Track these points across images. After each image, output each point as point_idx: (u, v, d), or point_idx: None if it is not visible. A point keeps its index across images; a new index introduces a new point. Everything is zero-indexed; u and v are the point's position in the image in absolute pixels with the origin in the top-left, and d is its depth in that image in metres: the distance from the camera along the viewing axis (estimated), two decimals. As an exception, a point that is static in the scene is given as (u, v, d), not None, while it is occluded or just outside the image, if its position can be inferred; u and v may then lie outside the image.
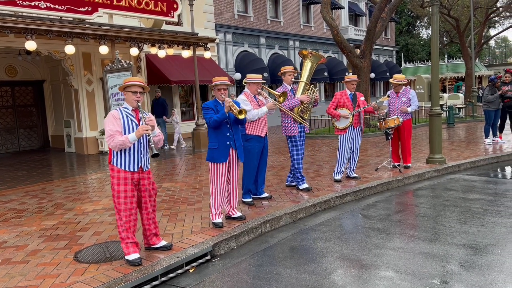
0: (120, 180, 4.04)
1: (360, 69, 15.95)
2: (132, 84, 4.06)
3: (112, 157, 4.07)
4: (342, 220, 5.63)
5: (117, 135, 3.94)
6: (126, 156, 4.05)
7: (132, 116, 4.09)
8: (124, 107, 4.12)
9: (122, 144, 3.94)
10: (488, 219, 5.29)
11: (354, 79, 7.21)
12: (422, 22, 44.38)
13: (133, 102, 4.07)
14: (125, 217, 4.08)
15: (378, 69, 29.55)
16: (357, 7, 29.85)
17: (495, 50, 51.03)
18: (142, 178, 4.18)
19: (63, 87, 14.54)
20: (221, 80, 5.05)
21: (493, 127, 10.92)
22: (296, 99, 6.46)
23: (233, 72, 20.09)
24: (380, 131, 13.17)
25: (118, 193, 4.06)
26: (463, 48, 27.83)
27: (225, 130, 5.03)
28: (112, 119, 4.00)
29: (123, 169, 4.04)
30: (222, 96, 5.03)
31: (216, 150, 5.02)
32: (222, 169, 5.05)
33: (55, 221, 5.78)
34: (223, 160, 5.03)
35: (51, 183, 8.78)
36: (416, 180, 7.70)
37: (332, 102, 7.21)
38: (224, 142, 5.03)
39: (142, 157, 4.14)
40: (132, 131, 4.02)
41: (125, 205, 4.07)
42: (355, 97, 7.22)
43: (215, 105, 5.02)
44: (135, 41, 11.77)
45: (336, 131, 7.28)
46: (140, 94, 4.07)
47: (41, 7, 10.31)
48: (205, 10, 18.63)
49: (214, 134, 5.04)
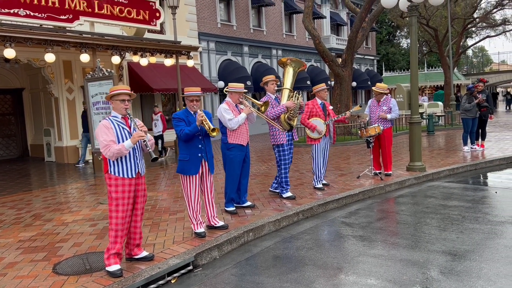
0: (119, 187, 4.05)
1: (342, 78, 16.16)
2: (120, 92, 4.07)
3: (108, 166, 4.07)
4: (325, 228, 5.66)
5: (112, 144, 3.96)
6: (124, 163, 4.07)
7: (123, 124, 4.11)
8: (113, 116, 4.12)
9: (119, 152, 3.96)
10: (467, 225, 5.39)
11: (324, 87, 7.30)
12: (402, 31, 45.22)
13: (121, 110, 4.09)
14: (122, 224, 4.08)
15: (360, 77, 29.96)
16: (338, 17, 30.29)
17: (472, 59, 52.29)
18: (138, 183, 4.20)
19: (43, 95, 14.31)
20: (194, 91, 4.93)
21: (471, 135, 11.17)
22: (282, 105, 6.49)
23: (216, 80, 20.11)
24: (361, 139, 13.32)
25: (117, 201, 4.05)
26: (442, 57, 28.46)
27: (197, 142, 4.93)
28: (104, 129, 4.00)
29: (121, 177, 4.05)
30: (194, 107, 4.93)
31: (187, 162, 4.90)
32: (194, 181, 4.95)
33: (33, 232, 5.65)
34: (193, 172, 4.92)
35: (30, 193, 8.60)
36: (397, 187, 7.81)
37: (305, 112, 7.20)
38: (195, 154, 4.92)
39: (139, 162, 4.19)
40: (126, 139, 4.04)
41: (123, 212, 4.08)
42: (324, 106, 7.31)
43: (187, 116, 4.91)
44: (117, 49, 11.68)
45: (309, 140, 7.33)
46: (127, 102, 4.10)
47: (21, 14, 10.16)
48: (188, 18, 18.65)
49: (185, 146, 4.92)
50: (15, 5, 10.06)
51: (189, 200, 4.99)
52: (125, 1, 12.36)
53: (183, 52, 13.43)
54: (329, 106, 7.52)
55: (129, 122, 4.15)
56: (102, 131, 3.99)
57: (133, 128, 4.14)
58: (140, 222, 4.34)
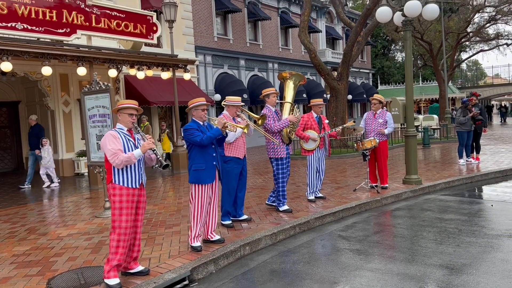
0: (123, 197, 4.09)
1: (338, 91, 16.26)
2: (129, 106, 4.21)
3: (113, 176, 4.11)
4: (322, 242, 5.64)
5: (120, 152, 4.03)
6: (129, 173, 4.14)
7: (129, 136, 4.22)
8: (119, 128, 4.23)
9: (128, 161, 4.04)
10: (463, 239, 5.39)
11: (320, 103, 7.44)
12: (397, 45, 45.75)
13: (128, 123, 4.21)
14: (124, 234, 4.09)
15: (355, 91, 30.16)
16: (334, 31, 30.61)
17: (467, 73, 52.87)
18: (140, 194, 4.26)
19: (39, 108, 14.29)
20: (201, 100, 5.04)
21: (467, 148, 11.23)
22: (286, 120, 6.51)
23: (213, 93, 20.18)
24: (357, 152, 13.36)
25: (121, 211, 4.08)
26: (437, 71, 28.75)
27: (211, 151, 5.01)
28: (112, 138, 4.09)
29: (126, 186, 4.11)
30: (204, 117, 5.02)
31: (203, 171, 4.92)
32: (207, 191, 4.99)
33: (28, 247, 5.60)
34: (210, 181, 4.96)
35: (24, 206, 8.53)
36: (394, 200, 7.81)
37: (300, 124, 7.33)
38: (211, 162, 4.98)
39: (142, 173, 4.27)
40: (130, 149, 4.14)
41: (127, 222, 4.10)
42: (320, 120, 7.40)
43: (198, 126, 4.97)
44: (113, 62, 11.73)
45: (304, 151, 7.43)
46: (135, 116, 4.24)
47: (18, 28, 10.21)
48: (184, 32, 18.79)
49: (201, 155, 4.93)
50: (13, 19, 10.12)
51: (197, 210, 4.95)
52: (122, 15, 12.46)
53: (180, 66, 13.51)
54: (325, 119, 7.60)
55: (134, 135, 4.27)
56: (110, 140, 4.08)
57: (138, 140, 4.26)
58: (140, 234, 4.36)
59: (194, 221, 4.99)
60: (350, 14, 30.82)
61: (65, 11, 11.09)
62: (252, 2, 23.08)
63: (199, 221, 4.98)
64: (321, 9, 28.95)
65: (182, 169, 12.78)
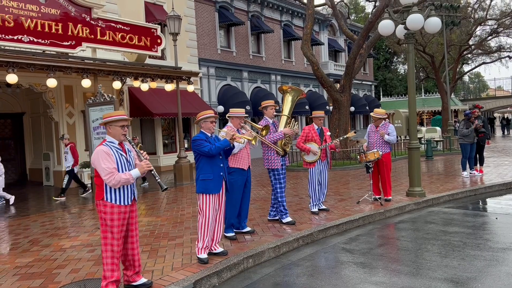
0: (114, 215, 3.97)
1: (340, 103, 16.31)
2: (120, 118, 4.02)
3: (104, 193, 3.96)
4: (325, 255, 5.61)
5: (116, 172, 3.89)
6: (122, 190, 4.01)
7: (121, 150, 4.06)
8: (109, 142, 4.05)
9: (126, 182, 3.93)
10: (468, 252, 5.35)
11: (322, 115, 7.46)
12: (399, 58, 45.92)
13: (120, 136, 4.05)
14: (117, 252, 4.02)
15: (358, 103, 30.23)
16: (336, 44, 30.80)
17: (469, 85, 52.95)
18: (131, 210, 4.16)
19: (43, 120, 14.39)
20: (209, 113, 5.14)
21: (470, 160, 11.20)
22: (280, 132, 6.55)
23: (216, 105, 20.26)
24: (360, 164, 13.34)
25: (112, 229, 3.97)
26: (439, 83, 28.82)
27: (219, 161, 5.08)
28: (105, 155, 3.91)
29: (117, 204, 3.98)
30: (212, 129, 5.13)
31: (211, 181, 4.99)
32: (214, 201, 5.04)
33: (30, 258, 5.59)
34: (216, 191, 5.03)
35: (27, 218, 8.53)
36: (397, 213, 7.78)
37: (301, 136, 7.37)
38: (218, 172, 5.05)
39: (134, 189, 4.15)
40: (124, 165, 4.01)
41: (118, 240, 4.01)
42: (322, 132, 7.42)
43: (206, 137, 5.08)
44: (118, 74, 11.83)
45: (305, 164, 7.44)
46: (126, 127, 4.09)
47: (24, 41, 10.34)
48: (188, 45, 18.95)
49: (209, 165, 5.01)
50: (19, 32, 10.25)
51: (205, 221, 4.96)
52: (127, 28, 12.60)
53: (183, 78, 13.60)
54: (327, 131, 7.60)
55: (124, 147, 4.12)
56: (104, 157, 3.89)
57: (129, 152, 4.12)
58: (137, 249, 4.29)
59: (202, 233, 4.98)
60: (352, 27, 31.04)
61: (70, 24, 11.24)
62: (255, 15, 23.31)
63: (208, 233, 4.99)
64: (324, 22, 29.18)
65: (185, 180, 12.78)
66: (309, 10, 16.47)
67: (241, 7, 22.37)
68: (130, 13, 15.95)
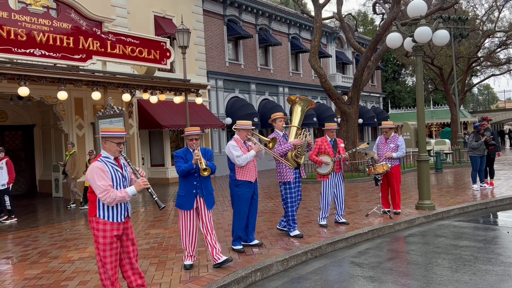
0: (107, 232, 3.90)
1: (348, 115, 16.29)
2: (116, 135, 3.98)
3: (97, 210, 3.90)
4: (334, 268, 5.56)
5: (111, 189, 3.84)
6: (114, 207, 3.94)
7: (116, 165, 4.01)
8: (104, 157, 3.99)
9: (122, 200, 3.87)
10: (479, 266, 5.27)
11: (334, 127, 7.41)
12: (407, 70, 45.90)
13: (115, 153, 4.01)
14: (111, 269, 3.96)
15: (366, 115, 30.17)
16: (344, 56, 30.89)
17: (478, 97, 52.64)
18: (126, 227, 4.09)
19: (53, 132, 14.55)
20: (193, 130, 5.25)
21: (480, 173, 11.09)
22: (289, 143, 6.54)
23: (224, 117, 20.35)
24: (369, 176, 13.26)
25: (104, 246, 3.91)
26: (448, 95, 28.69)
27: (192, 179, 5.21)
28: (100, 173, 3.85)
29: (110, 221, 3.92)
30: (193, 146, 5.20)
31: (183, 197, 5.23)
32: (188, 216, 5.22)
33: (39, 270, 5.61)
34: (188, 207, 5.20)
35: (36, 229, 8.58)
36: (407, 226, 7.69)
37: (314, 148, 7.32)
38: (190, 190, 5.20)
39: (128, 205, 4.09)
40: (119, 181, 3.96)
41: (111, 257, 3.95)
42: (335, 143, 7.37)
43: (185, 154, 5.23)
44: (127, 87, 11.96)
45: (319, 176, 7.39)
46: (122, 144, 4.06)
47: (36, 54, 10.51)
48: (197, 57, 19.14)
49: (182, 182, 5.27)
50: (31, 45, 10.44)
51: (182, 232, 5.28)
52: (136, 41, 12.77)
53: (192, 90, 13.72)
54: (341, 143, 7.53)
55: (120, 162, 4.07)
56: (99, 174, 3.83)
57: (125, 167, 4.07)
58: (137, 263, 4.22)
59: (182, 241, 5.29)
60: (360, 40, 31.14)
61: (81, 37, 11.43)
62: (264, 28, 23.51)
63: (185, 243, 5.26)
64: (331, 34, 29.32)
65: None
66: (317, 23, 16.58)
67: (249, 20, 22.58)
68: (140, 26, 16.18)
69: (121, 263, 4.14)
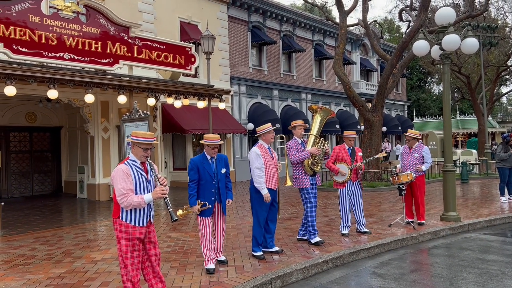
0: (129, 235, 3.99)
1: (372, 123, 16.10)
2: (144, 142, 4.02)
3: (121, 212, 3.99)
4: (356, 278, 5.47)
5: (130, 193, 3.90)
6: (138, 211, 4.02)
7: (141, 170, 4.07)
8: (131, 160, 4.07)
9: (138, 205, 3.93)
10: (507, 282, 5.09)
11: (352, 135, 7.37)
12: (433, 78, 45.10)
13: (142, 158, 4.07)
14: (132, 271, 4.04)
15: (390, 123, 29.74)
16: (368, 63, 30.59)
17: (507, 107, 51.23)
18: (148, 231, 4.16)
19: (79, 134, 14.88)
20: (214, 139, 5.35)
21: (509, 185, 10.75)
22: (306, 151, 6.55)
23: (246, 123, 20.41)
24: (392, 185, 13.04)
25: (126, 248, 4.00)
26: (475, 104, 28.02)
27: (211, 186, 5.34)
28: (124, 176, 3.93)
29: (132, 225, 3.99)
30: (213, 154, 5.37)
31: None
32: (208, 222, 5.40)
33: (63, 269, 5.72)
34: (207, 214, 5.36)
35: (61, 229, 8.76)
36: (431, 238, 7.51)
37: (331, 156, 7.31)
38: (209, 197, 5.34)
39: (150, 210, 4.15)
40: (143, 186, 4.02)
41: (133, 259, 4.03)
42: (353, 151, 7.33)
43: (202, 163, 5.33)
44: (152, 91, 12.14)
45: (335, 184, 7.37)
46: (150, 150, 4.09)
47: (66, 58, 10.79)
48: (221, 63, 19.29)
49: (201, 189, 5.35)
50: (61, 50, 10.72)
51: (203, 237, 5.41)
52: (162, 47, 12.96)
53: (215, 95, 13.81)
54: (359, 152, 7.47)
55: (146, 167, 4.12)
56: (122, 177, 3.91)
57: (150, 172, 4.12)
58: (158, 267, 4.27)
59: (202, 247, 5.46)
60: (385, 47, 30.79)
61: (109, 42, 11.67)
62: (288, 34, 23.52)
63: (206, 247, 5.41)
64: (356, 41, 29.09)
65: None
66: (341, 29, 16.49)
67: (273, 27, 22.64)
68: (166, 32, 16.43)
69: (143, 266, 4.19)
